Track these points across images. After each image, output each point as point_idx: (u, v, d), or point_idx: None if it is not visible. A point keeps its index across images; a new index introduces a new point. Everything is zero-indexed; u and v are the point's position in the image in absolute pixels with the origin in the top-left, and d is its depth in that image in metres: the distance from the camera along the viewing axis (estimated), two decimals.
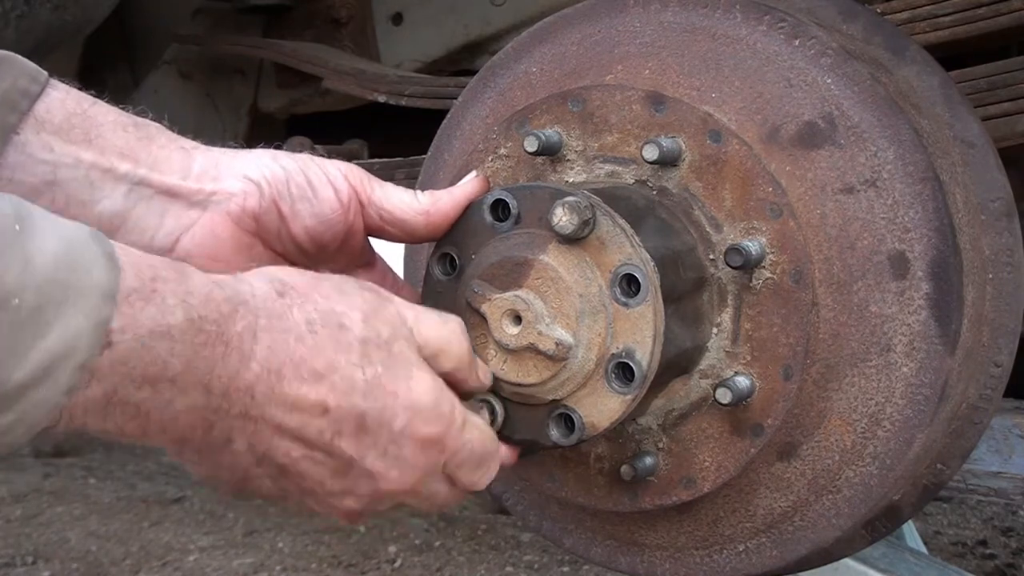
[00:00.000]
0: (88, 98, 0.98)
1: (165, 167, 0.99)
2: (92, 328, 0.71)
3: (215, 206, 1.01)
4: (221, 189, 1.01)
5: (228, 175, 1.01)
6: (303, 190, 1.02)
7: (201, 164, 1.01)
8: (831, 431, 1.08)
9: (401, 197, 1.05)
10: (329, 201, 1.03)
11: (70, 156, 0.95)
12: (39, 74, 0.95)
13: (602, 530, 1.23)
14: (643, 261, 0.97)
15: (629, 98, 1.11)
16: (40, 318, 0.69)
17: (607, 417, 0.99)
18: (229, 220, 1.01)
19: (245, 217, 1.01)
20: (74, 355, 0.71)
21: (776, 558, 1.13)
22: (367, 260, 1.12)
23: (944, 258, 1.04)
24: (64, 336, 0.70)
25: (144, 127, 1.00)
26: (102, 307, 0.72)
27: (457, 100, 1.28)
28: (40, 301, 0.69)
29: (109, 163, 0.97)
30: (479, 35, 2.56)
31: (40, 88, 0.94)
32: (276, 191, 1.02)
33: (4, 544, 3.15)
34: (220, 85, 2.92)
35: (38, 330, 0.69)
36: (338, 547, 3.14)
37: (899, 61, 1.24)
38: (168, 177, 0.99)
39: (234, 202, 1.01)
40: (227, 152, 1.04)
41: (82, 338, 0.71)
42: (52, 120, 0.95)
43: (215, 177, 1.01)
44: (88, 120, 0.96)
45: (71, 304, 0.70)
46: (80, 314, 0.71)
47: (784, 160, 1.07)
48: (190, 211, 1.00)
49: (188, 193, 1.00)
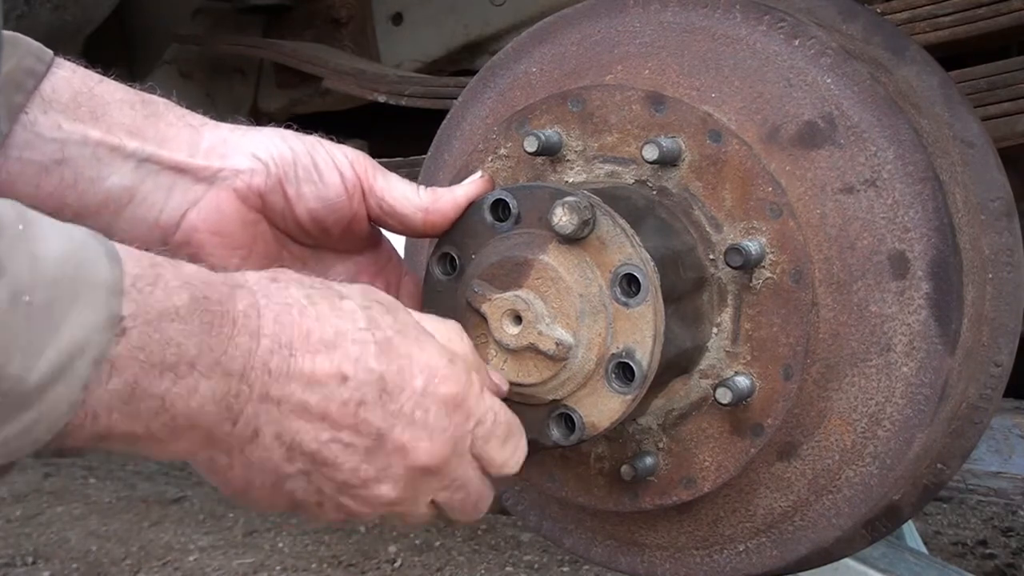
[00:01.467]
0: (95, 76, 0.98)
1: (173, 144, 1.00)
2: (104, 322, 0.72)
3: (221, 182, 1.01)
4: (228, 166, 1.01)
5: (236, 152, 1.02)
6: (309, 173, 1.03)
7: (209, 141, 1.02)
8: (831, 431, 1.08)
9: (403, 191, 1.05)
10: (334, 186, 1.03)
11: (78, 134, 0.95)
12: (44, 53, 0.95)
13: (602, 530, 1.23)
14: (643, 261, 0.97)
15: (629, 98, 1.11)
16: (51, 315, 0.69)
17: (607, 417, 0.99)
18: (235, 196, 1.02)
19: (251, 195, 1.02)
20: (88, 350, 0.71)
21: (776, 558, 1.13)
22: (372, 244, 1.12)
23: (944, 258, 1.04)
24: (76, 332, 0.70)
25: (152, 104, 1.01)
26: (111, 301, 0.72)
27: (457, 100, 1.28)
28: (50, 298, 0.69)
29: (117, 140, 0.97)
30: (479, 35, 2.56)
31: (46, 67, 0.95)
32: (283, 172, 1.02)
33: (4, 544, 3.15)
34: (220, 85, 2.92)
35: (50, 327, 0.69)
36: (338, 547, 3.14)
37: (899, 61, 1.24)
38: (176, 154, 1.00)
39: (240, 179, 1.02)
40: (236, 129, 1.04)
41: (95, 333, 0.71)
42: (59, 99, 0.95)
43: (223, 154, 1.02)
44: (95, 98, 0.97)
45: (81, 301, 0.70)
46: (89, 309, 0.71)
47: (784, 160, 1.07)
48: (196, 186, 1.01)
49: (195, 169, 1.01)
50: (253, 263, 1.03)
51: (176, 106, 1.03)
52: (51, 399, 0.70)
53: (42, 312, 0.69)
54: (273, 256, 1.06)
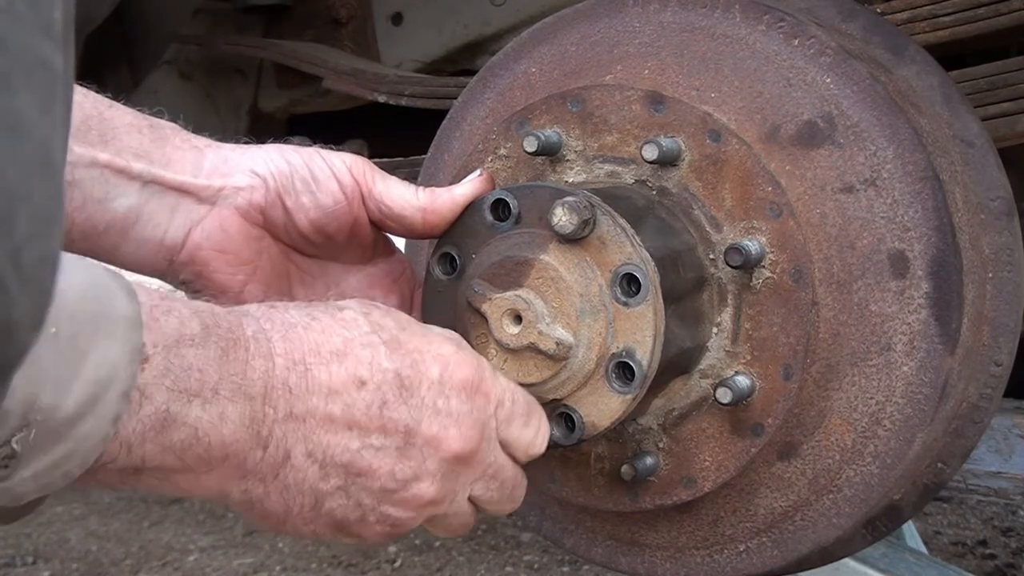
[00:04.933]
0: (105, 100, 1.00)
1: (178, 166, 1.02)
2: (128, 354, 0.72)
3: (223, 201, 1.03)
4: (229, 185, 1.03)
5: (236, 171, 1.04)
6: (307, 184, 1.04)
7: (212, 161, 1.04)
8: (831, 430, 1.08)
9: (401, 192, 1.06)
10: (333, 193, 1.04)
11: (87, 157, 0.97)
12: None
13: (602, 530, 1.23)
14: (643, 261, 0.97)
15: (628, 98, 1.11)
16: (76, 347, 0.69)
17: (607, 416, 0.99)
18: (237, 214, 1.03)
19: (252, 211, 1.04)
20: (116, 383, 0.72)
21: (777, 558, 1.13)
22: (383, 254, 1.13)
23: (944, 257, 1.04)
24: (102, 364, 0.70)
25: (159, 128, 1.03)
26: (132, 334, 0.73)
27: (457, 100, 1.28)
28: (74, 331, 0.69)
29: (124, 162, 0.99)
30: (479, 35, 2.55)
31: None
32: (280, 185, 1.04)
33: (4, 544, 3.15)
34: (220, 85, 2.91)
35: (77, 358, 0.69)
36: (338, 547, 3.14)
37: (899, 61, 1.24)
38: (180, 175, 1.02)
39: (241, 197, 1.03)
40: (237, 148, 1.06)
41: (121, 365, 0.72)
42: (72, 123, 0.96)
43: (224, 173, 1.03)
44: (104, 123, 0.99)
45: (104, 334, 0.71)
46: (113, 341, 0.71)
47: (784, 159, 1.07)
48: (200, 206, 1.03)
49: (198, 189, 1.02)
50: (259, 278, 1.05)
51: (182, 130, 1.05)
52: (83, 431, 0.71)
53: (68, 344, 0.69)
54: (280, 270, 1.07)
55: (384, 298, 1.13)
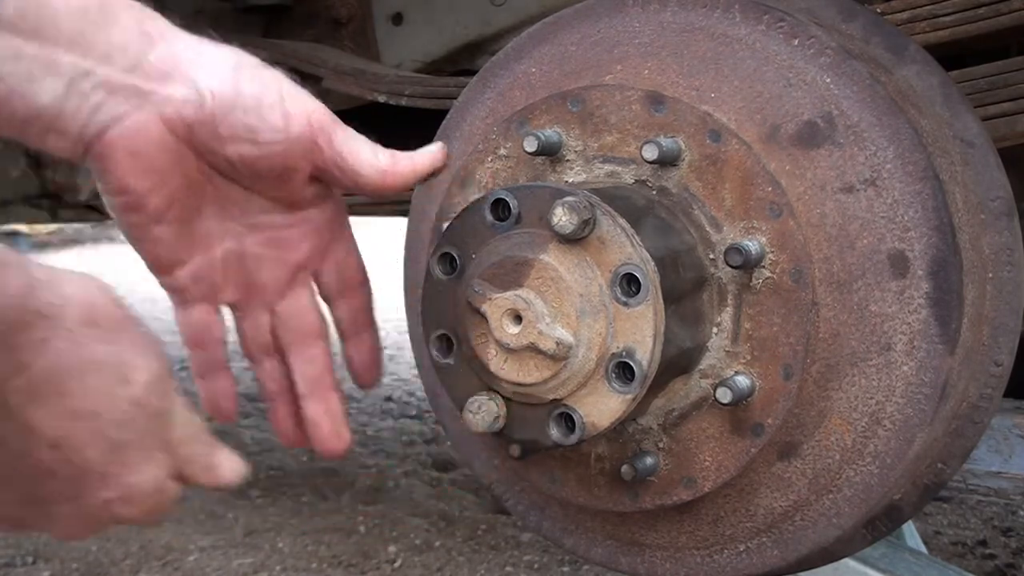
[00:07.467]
0: None
1: (117, 56, 0.98)
2: None
3: (151, 106, 0.99)
4: (161, 92, 0.99)
5: (177, 77, 1.00)
6: (248, 115, 1.01)
7: (159, 54, 1.00)
8: (832, 430, 1.08)
9: (362, 148, 1.06)
10: (273, 133, 1.01)
11: (11, 49, 0.93)
12: None
13: (602, 530, 1.23)
14: (643, 261, 0.97)
15: (628, 98, 1.11)
16: None
17: (607, 416, 0.99)
18: (159, 121, 0.99)
19: (178, 123, 1.00)
20: None
21: (777, 558, 1.13)
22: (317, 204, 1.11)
23: (944, 257, 1.04)
24: None
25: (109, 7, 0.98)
26: None
27: (457, 100, 1.28)
28: None
29: (52, 56, 0.95)
30: (479, 35, 2.55)
31: None
32: (218, 107, 1.00)
33: (4, 544, 3.16)
34: None
35: None
36: (338, 547, 3.14)
37: (899, 61, 1.24)
38: (113, 69, 0.98)
39: (170, 106, 0.99)
40: (191, 46, 1.02)
41: None
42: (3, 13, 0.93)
43: (164, 74, 0.99)
44: (43, 8, 0.94)
45: None
46: None
47: (784, 159, 1.07)
48: (124, 104, 0.99)
49: (126, 88, 0.98)
50: (166, 190, 1.02)
51: (139, 7, 1.00)
52: None
53: None
54: (195, 187, 1.04)
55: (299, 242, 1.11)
